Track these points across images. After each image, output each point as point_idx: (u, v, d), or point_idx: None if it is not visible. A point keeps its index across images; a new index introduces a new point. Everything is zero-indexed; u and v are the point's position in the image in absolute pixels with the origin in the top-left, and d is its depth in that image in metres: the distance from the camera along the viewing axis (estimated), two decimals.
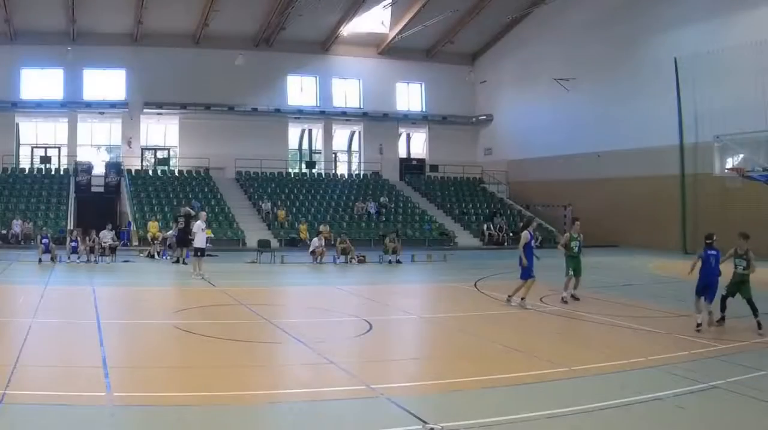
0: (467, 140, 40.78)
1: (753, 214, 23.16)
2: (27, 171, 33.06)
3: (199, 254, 17.26)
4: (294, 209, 32.06)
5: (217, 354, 8.57)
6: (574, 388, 7.13)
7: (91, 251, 20.65)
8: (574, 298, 13.44)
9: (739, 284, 10.72)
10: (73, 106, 33.80)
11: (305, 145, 39.86)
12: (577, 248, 13.57)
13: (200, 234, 17.41)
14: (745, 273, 10.68)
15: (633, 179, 30.25)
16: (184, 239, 20.76)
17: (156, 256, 22.99)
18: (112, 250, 21.48)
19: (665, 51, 28.10)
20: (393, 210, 33.85)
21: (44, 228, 22.72)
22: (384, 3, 33.31)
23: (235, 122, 35.70)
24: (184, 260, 20.65)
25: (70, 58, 32.49)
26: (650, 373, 7.76)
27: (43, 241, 20.60)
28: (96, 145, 35.96)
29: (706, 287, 10.56)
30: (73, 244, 20.82)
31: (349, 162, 40.68)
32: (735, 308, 13.01)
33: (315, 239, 22.86)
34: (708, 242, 10.83)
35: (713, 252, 10.68)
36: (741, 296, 10.67)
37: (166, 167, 35.23)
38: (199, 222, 17.77)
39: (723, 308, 10.88)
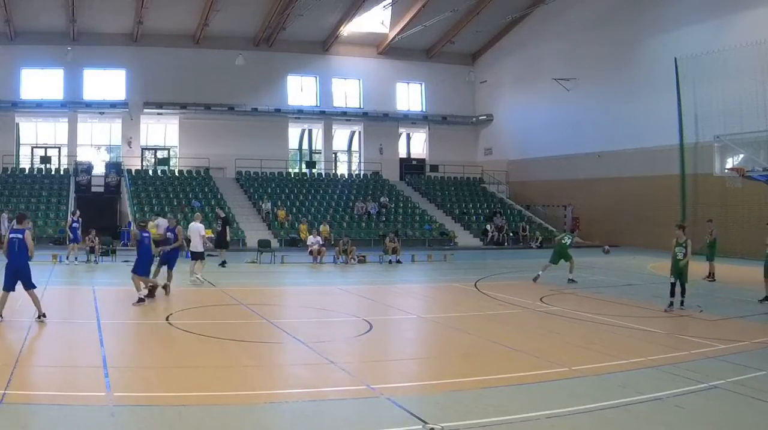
0: (467, 140, 40.80)
1: (753, 214, 23.16)
2: (27, 171, 33.03)
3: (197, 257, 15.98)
4: (294, 209, 32.05)
5: (217, 354, 8.57)
6: (574, 388, 7.12)
7: (91, 251, 20.65)
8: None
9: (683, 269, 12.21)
10: (73, 106, 33.78)
11: (305, 145, 39.87)
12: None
13: (195, 237, 16.01)
14: (684, 260, 12.19)
15: (633, 179, 30.25)
16: (222, 241, 21.01)
17: (156, 256, 22.89)
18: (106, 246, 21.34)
19: (665, 51, 28.10)
20: (393, 210, 33.84)
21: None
22: (384, 3, 33.29)
23: (235, 122, 35.71)
24: (223, 261, 20.17)
25: (70, 58, 32.48)
26: (650, 373, 7.75)
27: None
28: (96, 145, 35.95)
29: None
30: (75, 224, 20.26)
31: (349, 162, 40.67)
32: (737, 309, 12.98)
33: (310, 237, 22.87)
34: (142, 224, 13.80)
35: (147, 234, 13.31)
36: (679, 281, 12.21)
37: (166, 167, 35.22)
38: (195, 224, 16.28)
39: (672, 293, 12.24)
